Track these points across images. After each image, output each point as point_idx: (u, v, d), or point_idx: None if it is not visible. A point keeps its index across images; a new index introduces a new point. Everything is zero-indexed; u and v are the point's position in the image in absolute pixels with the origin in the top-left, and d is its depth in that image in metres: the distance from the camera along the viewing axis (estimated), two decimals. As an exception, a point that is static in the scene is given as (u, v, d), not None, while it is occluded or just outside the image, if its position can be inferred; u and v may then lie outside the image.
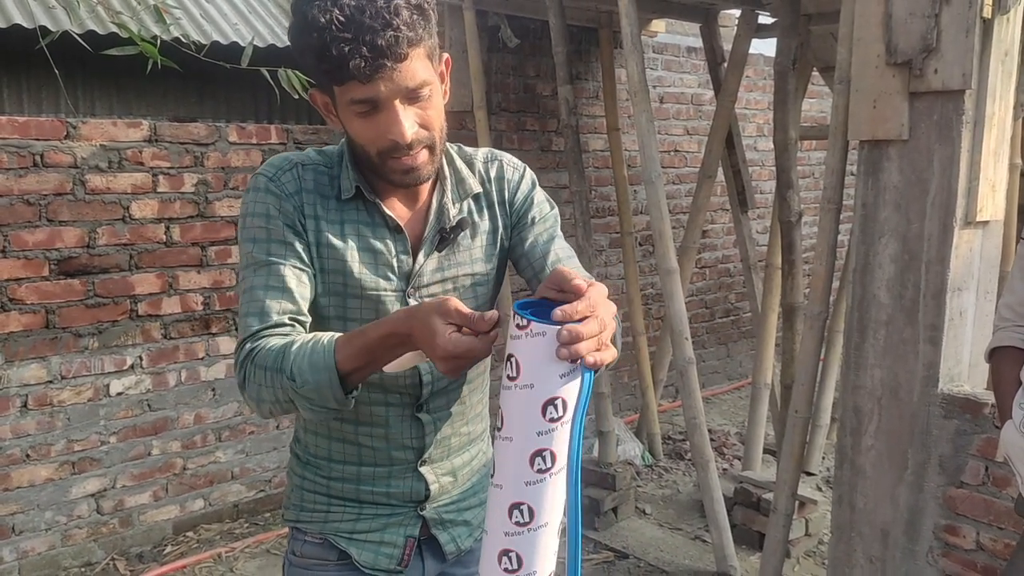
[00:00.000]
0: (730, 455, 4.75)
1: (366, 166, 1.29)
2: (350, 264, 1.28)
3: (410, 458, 1.39)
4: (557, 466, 0.95)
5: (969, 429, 2.39)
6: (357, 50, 1.11)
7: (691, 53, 5.55)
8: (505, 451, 0.97)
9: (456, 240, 1.35)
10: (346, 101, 1.18)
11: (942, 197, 2.38)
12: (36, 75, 3.14)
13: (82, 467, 3.40)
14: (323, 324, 1.31)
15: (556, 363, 0.93)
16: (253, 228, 1.27)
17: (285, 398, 1.17)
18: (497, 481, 0.99)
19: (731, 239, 5.98)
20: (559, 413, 0.94)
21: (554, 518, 0.98)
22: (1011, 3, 2.30)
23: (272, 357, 1.17)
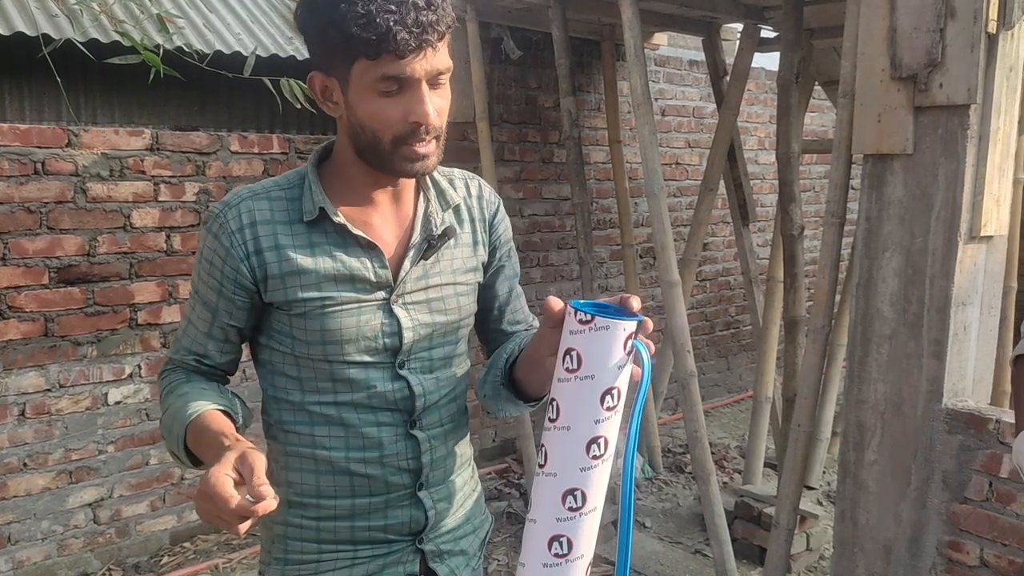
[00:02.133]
0: (731, 468, 4.73)
1: (370, 157, 1.24)
2: (325, 286, 1.26)
3: (407, 482, 1.34)
4: (608, 453, 1.03)
5: (973, 444, 2.38)
6: (403, 22, 1.11)
7: (693, 66, 5.56)
8: (562, 440, 1.04)
9: (440, 248, 1.34)
10: (374, 77, 1.15)
11: (946, 211, 2.38)
12: (38, 83, 3.14)
13: (79, 476, 3.37)
14: (305, 347, 1.28)
15: (615, 355, 1.02)
16: (199, 267, 1.31)
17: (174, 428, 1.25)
18: (550, 470, 1.04)
19: (732, 252, 5.98)
20: (614, 402, 1.03)
21: (600, 503, 1.05)
22: (1016, 19, 2.31)
23: (161, 395, 1.33)
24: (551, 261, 4.92)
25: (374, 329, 1.29)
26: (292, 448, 1.32)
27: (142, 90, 3.26)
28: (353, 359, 1.28)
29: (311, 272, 1.25)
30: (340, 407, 1.29)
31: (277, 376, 1.32)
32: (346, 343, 1.27)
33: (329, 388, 1.29)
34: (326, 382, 1.29)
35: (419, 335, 1.32)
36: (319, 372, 1.28)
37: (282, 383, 1.31)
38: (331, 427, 1.30)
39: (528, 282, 4.80)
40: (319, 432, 1.30)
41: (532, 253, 4.83)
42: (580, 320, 1.02)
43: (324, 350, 1.27)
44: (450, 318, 1.37)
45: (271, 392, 1.34)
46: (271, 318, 1.29)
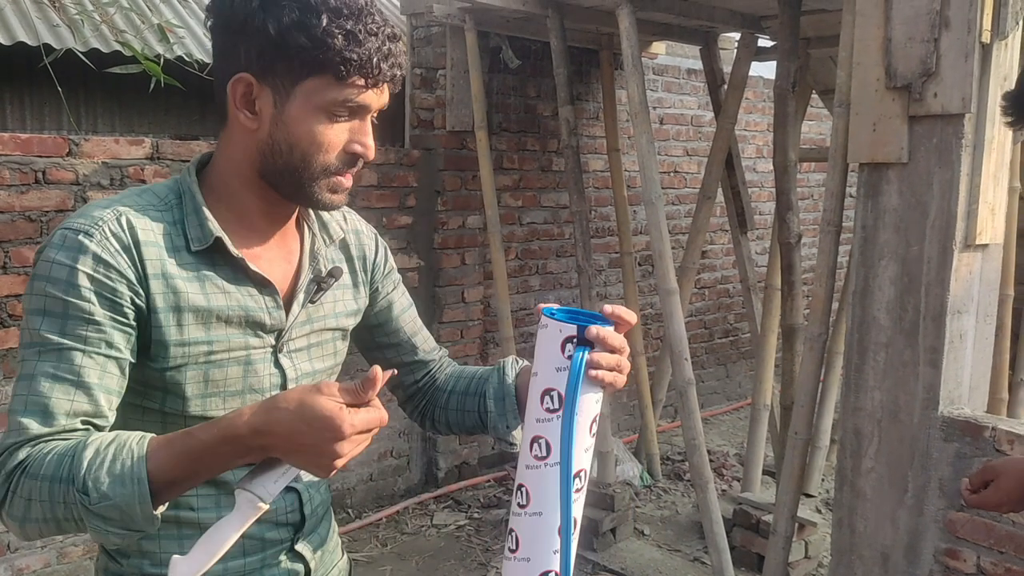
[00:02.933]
0: (729, 476, 4.74)
1: (281, 181, 1.10)
2: (215, 328, 1.09)
3: (285, 536, 1.20)
4: (551, 456, 1.03)
5: (969, 452, 2.39)
6: (381, 51, 1.04)
7: (691, 75, 5.58)
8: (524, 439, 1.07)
9: (327, 290, 1.22)
10: (330, 99, 1.04)
11: (942, 220, 2.39)
12: (39, 92, 3.16)
13: (79, 484, 3.38)
14: (180, 402, 1.09)
15: (552, 356, 1.04)
16: (45, 297, 1.00)
17: (67, 516, 0.95)
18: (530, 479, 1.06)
19: (730, 260, 5.99)
20: (554, 404, 1.03)
21: (547, 508, 1.04)
22: (1009, 28, 2.32)
23: (55, 464, 0.95)
24: (550, 269, 4.94)
25: (261, 382, 1.15)
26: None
27: (143, 99, 3.28)
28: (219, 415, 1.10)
29: (201, 310, 1.07)
30: None
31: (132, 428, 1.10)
32: (229, 397, 1.12)
33: None
34: None
35: (289, 383, 1.19)
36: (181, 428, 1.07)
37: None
38: (199, 487, 1.06)
39: (527, 290, 4.82)
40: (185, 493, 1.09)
41: (531, 261, 4.84)
42: (540, 323, 1.06)
43: (204, 404, 1.10)
44: (327, 365, 1.26)
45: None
46: (138, 368, 1.07)
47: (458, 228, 4.47)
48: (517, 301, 4.70)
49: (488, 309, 4.61)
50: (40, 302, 1.01)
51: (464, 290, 4.52)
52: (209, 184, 1.13)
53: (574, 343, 1.03)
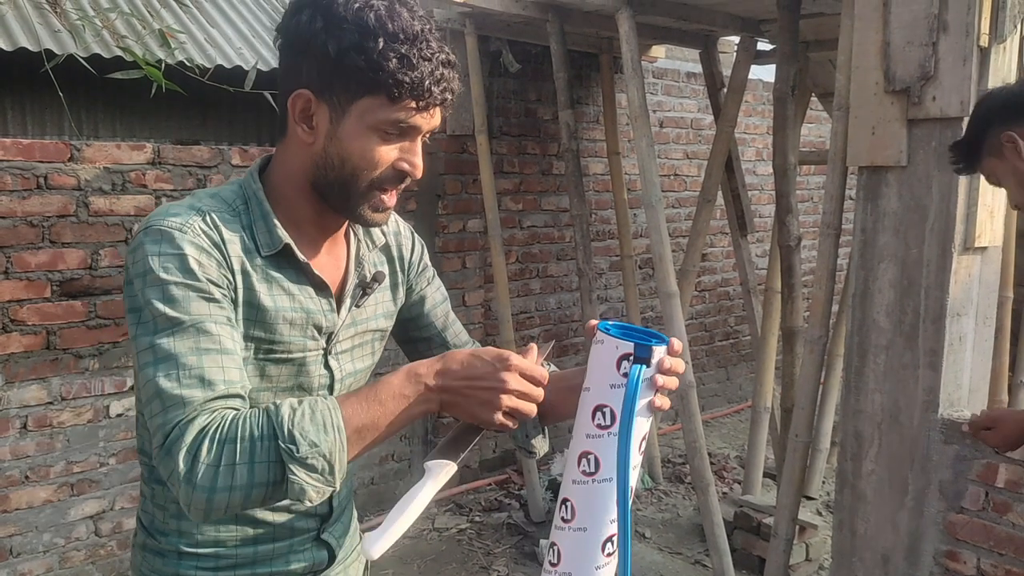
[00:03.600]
0: (730, 479, 4.74)
1: (331, 193, 1.16)
2: (280, 327, 1.16)
3: (313, 526, 1.28)
4: (600, 472, 1.03)
5: (969, 455, 2.39)
6: (434, 75, 1.09)
7: (691, 78, 5.59)
8: (570, 449, 1.06)
9: (371, 294, 1.29)
10: (383, 118, 1.09)
11: (941, 223, 2.40)
12: (40, 98, 3.17)
13: (81, 489, 3.38)
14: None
15: (608, 373, 1.03)
16: (163, 285, 1.05)
17: (268, 479, 0.99)
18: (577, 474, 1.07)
19: (730, 263, 6.00)
20: (605, 420, 1.03)
21: (592, 524, 1.04)
22: (1007, 32, 2.33)
23: (250, 425, 0.99)
24: (550, 272, 4.94)
25: (311, 381, 1.22)
26: None
27: (144, 104, 3.29)
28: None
29: (268, 310, 1.14)
30: None
31: None
32: (280, 392, 1.18)
33: None
34: None
35: (344, 387, 1.27)
36: None
37: None
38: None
39: (528, 293, 4.83)
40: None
41: (532, 264, 4.85)
42: (595, 338, 1.06)
43: (255, 398, 1.15)
44: (366, 364, 1.32)
45: None
46: None
47: (459, 232, 4.48)
48: (517, 304, 4.71)
49: (489, 312, 4.62)
50: (159, 291, 1.05)
51: (465, 293, 4.53)
52: (268, 190, 1.19)
53: (630, 360, 1.02)
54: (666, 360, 1.05)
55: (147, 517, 1.25)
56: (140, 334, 1.05)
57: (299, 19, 1.10)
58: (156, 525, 1.23)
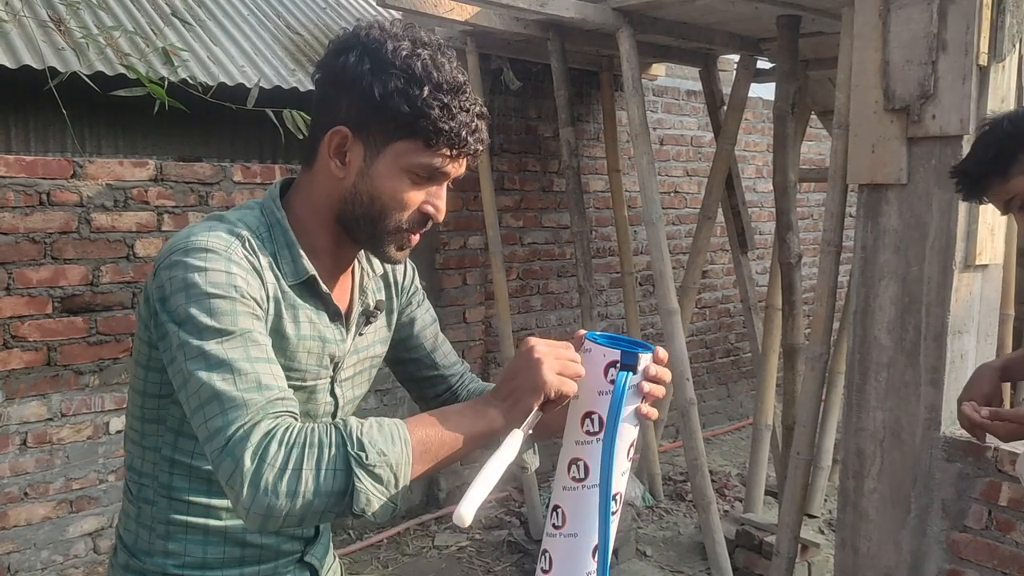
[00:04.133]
0: (731, 496, 4.72)
1: (356, 228, 1.18)
2: (300, 355, 1.18)
3: (297, 549, 1.29)
4: (589, 478, 1.05)
5: (972, 472, 2.38)
6: (470, 126, 1.13)
7: (691, 96, 5.62)
8: (561, 457, 1.09)
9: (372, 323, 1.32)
10: (415, 162, 1.13)
11: (941, 241, 2.41)
12: (43, 115, 3.18)
13: (80, 506, 3.37)
14: None
15: (595, 380, 1.06)
16: (210, 299, 1.05)
17: (338, 486, 0.98)
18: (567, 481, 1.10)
19: (731, 280, 6.00)
20: (594, 427, 1.05)
21: (582, 530, 1.06)
22: (1006, 51, 2.35)
23: (318, 433, 1.00)
24: (551, 289, 4.95)
25: (318, 408, 1.24)
26: (178, 516, 1.19)
27: (146, 122, 3.30)
28: None
29: (291, 339, 1.17)
30: None
31: (184, 438, 1.17)
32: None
33: None
34: None
35: (345, 414, 1.29)
36: None
37: (190, 447, 1.17)
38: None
39: (528, 310, 4.83)
40: (216, 502, 1.19)
41: (532, 281, 4.85)
42: (584, 348, 1.08)
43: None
44: (363, 391, 1.35)
45: (167, 453, 1.18)
46: None
47: (459, 248, 4.48)
48: (518, 321, 4.71)
49: (489, 329, 4.61)
50: (205, 304, 1.05)
51: (465, 310, 4.53)
52: (290, 219, 1.21)
53: (617, 368, 1.04)
54: (652, 368, 1.08)
55: (130, 536, 1.24)
56: (187, 342, 1.04)
57: (346, 59, 1.13)
58: (140, 545, 1.22)
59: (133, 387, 1.20)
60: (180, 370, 1.04)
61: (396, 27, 1.16)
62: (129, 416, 1.23)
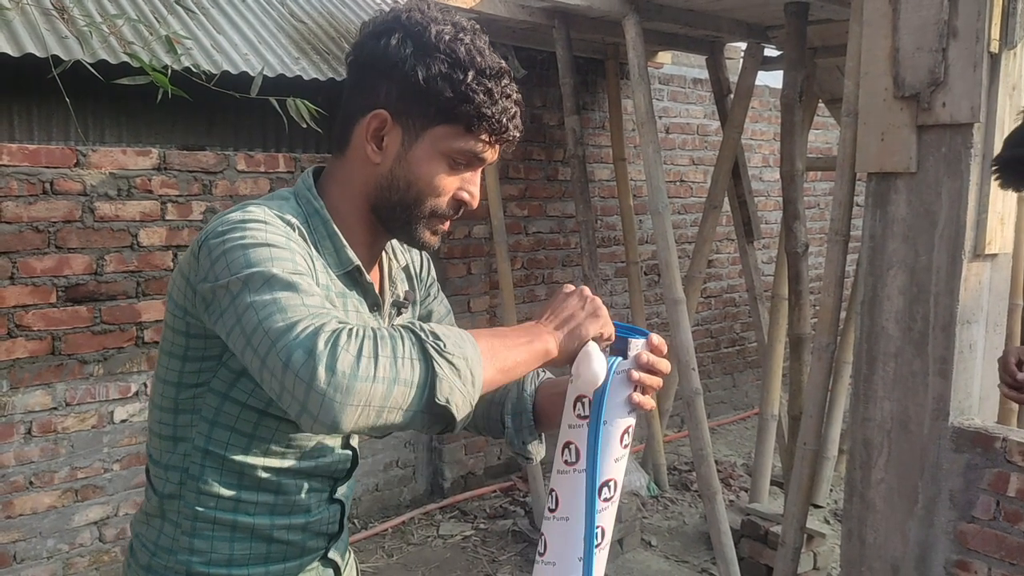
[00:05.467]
0: (736, 487, 4.71)
1: (391, 215, 1.17)
2: None
3: (322, 546, 1.27)
4: (579, 462, 1.06)
5: (980, 463, 2.37)
6: (508, 113, 1.14)
7: (697, 84, 5.58)
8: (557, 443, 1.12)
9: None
10: (455, 147, 1.13)
11: (951, 230, 2.38)
12: (47, 103, 3.16)
13: (85, 495, 3.38)
14: (262, 416, 1.14)
15: (590, 367, 1.06)
16: (261, 247, 1.03)
17: (416, 377, 0.94)
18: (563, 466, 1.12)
19: (737, 269, 5.98)
20: (584, 411, 1.07)
21: (573, 514, 1.08)
22: (1018, 38, 2.32)
23: (389, 331, 0.96)
24: (556, 278, 4.93)
25: None
26: (206, 512, 1.17)
27: (150, 110, 3.29)
28: None
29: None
30: (281, 472, 1.18)
31: (220, 428, 1.15)
32: None
33: (280, 452, 1.17)
34: (280, 445, 1.17)
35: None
36: (279, 433, 1.16)
37: (224, 437, 1.15)
38: (260, 492, 1.18)
39: (533, 299, 4.81)
40: (246, 496, 1.17)
41: (537, 271, 4.84)
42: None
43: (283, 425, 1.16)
44: None
45: (201, 444, 1.16)
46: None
47: (464, 238, 4.47)
48: (523, 311, 4.69)
49: (494, 319, 4.60)
50: (256, 254, 1.01)
51: (470, 300, 4.52)
52: (327, 207, 1.19)
53: (607, 352, 1.04)
54: (644, 355, 1.09)
55: (152, 533, 1.22)
56: (239, 289, 0.99)
57: (387, 42, 1.12)
58: (163, 543, 1.20)
59: (163, 379, 1.18)
60: (233, 316, 0.99)
61: (435, 10, 1.14)
62: (157, 409, 1.20)
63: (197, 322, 1.10)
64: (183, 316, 1.12)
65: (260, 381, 0.97)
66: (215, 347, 1.12)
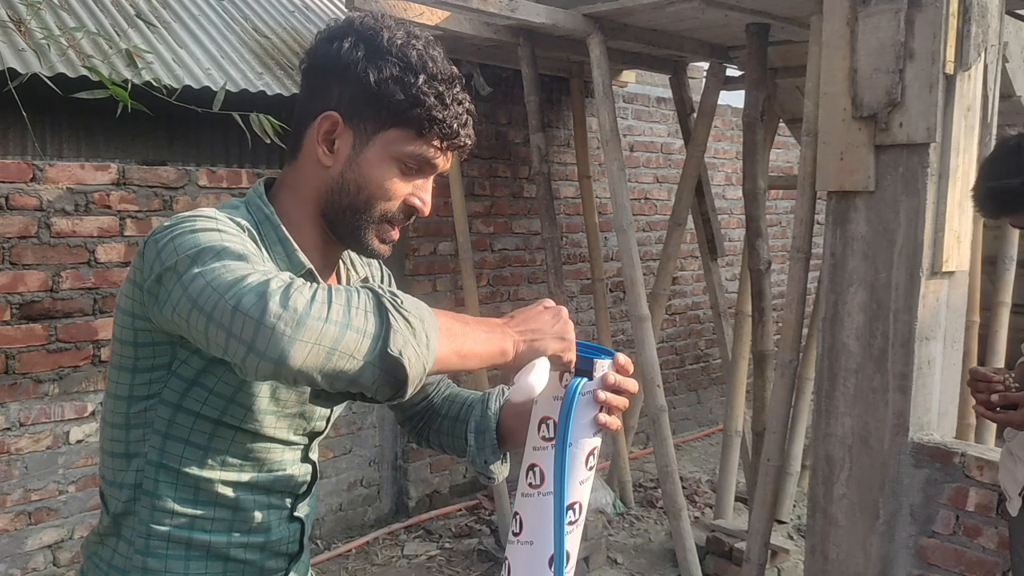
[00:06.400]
0: (702, 503, 4.72)
1: (341, 220, 1.16)
2: None
3: (281, 566, 1.24)
4: (544, 485, 1.05)
5: (939, 478, 2.40)
6: (461, 119, 1.14)
7: (661, 103, 5.64)
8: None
9: None
10: (407, 151, 1.12)
11: (909, 247, 2.42)
12: (3, 117, 3.10)
13: (39, 517, 3.29)
14: (241, 413, 1.12)
15: (548, 384, 1.05)
16: (206, 231, 1.02)
17: (369, 327, 0.91)
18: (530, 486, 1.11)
19: (701, 286, 6.03)
20: (550, 432, 1.06)
21: (538, 538, 1.06)
22: (972, 60, 2.37)
23: (344, 288, 0.94)
24: (521, 295, 4.93)
25: (313, 411, 1.21)
26: (160, 529, 1.13)
27: (109, 125, 3.24)
28: (280, 436, 1.17)
29: None
30: (238, 487, 1.15)
31: (173, 441, 1.12)
32: (283, 417, 1.17)
33: (236, 465, 1.15)
34: (237, 458, 1.14)
35: (334, 415, 1.27)
36: (235, 445, 1.14)
37: (178, 450, 1.12)
38: (217, 508, 1.15)
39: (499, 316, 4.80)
40: (202, 512, 1.14)
41: (502, 288, 4.83)
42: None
43: (260, 420, 1.14)
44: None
45: (154, 458, 1.13)
46: (209, 372, 1.09)
47: (429, 255, 4.45)
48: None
49: (460, 336, 4.58)
50: (216, 235, 1.01)
51: (435, 317, 4.49)
52: (278, 214, 1.17)
53: (571, 372, 1.03)
54: (610, 376, 1.08)
55: (107, 552, 1.18)
56: (186, 268, 0.97)
57: (339, 45, 1.12)
58: (116, 563, 1.17)
59: (114, 394, 1.15)
60: (179, 290, 0.96)
61: (389, 19, 1.15)
62: (108, 427, 1.17)
63: (145, 325, 1.08)
64: (131, 324, 1.10)
65: (206, 343, 0.93)
66: (164, 354, 1.10)
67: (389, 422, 4.32)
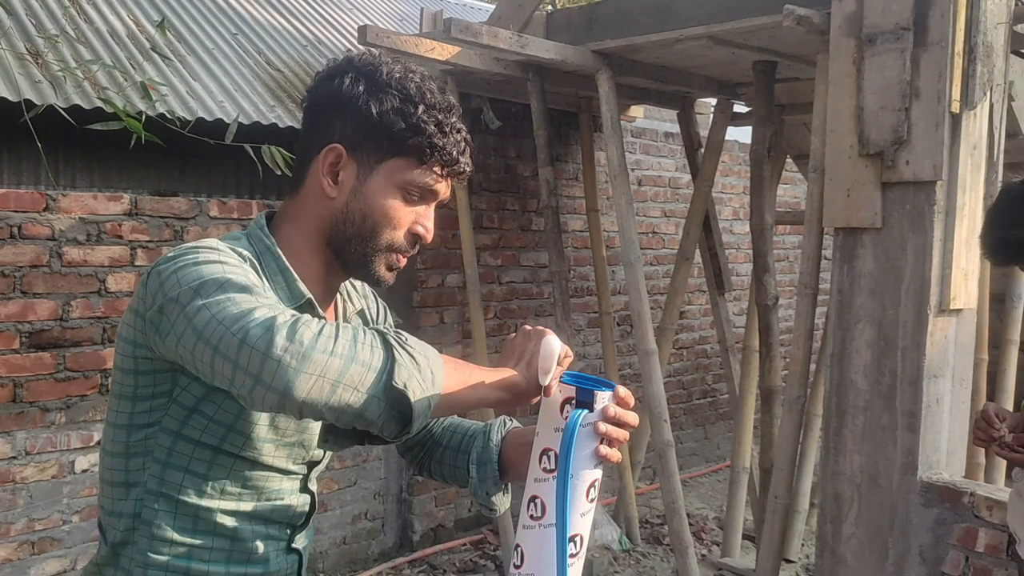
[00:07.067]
0: (709, 540, 4.67)
1: (347, 250, 1.18)
2: None
3: None
4: (545, 517, 1.05)
5: (949, 518, 2.37)
6: (460, 147, 1.18)
7: (668, 138, 5.67)
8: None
9: None
10: (409, 180, 1.16)
11: (916, 285, 2.42)
12: (17, 147, 3.15)
13: (42, 547, 3.27)
14: (240, 441, 1.13)
15: (551, 417, 1.07)
16: (209, 264, 1.05)
17: (375, 361, 0.95)
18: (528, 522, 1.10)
19: (708, 320, 6.01)
20: (551, 464, 1.05)
21: (540, 570, 1.05)
22: (978, 99, 2.39)
23: (351, 325, 0.98)
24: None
25: (311, 439, 1.21)
26: (158, 559, 1.13)
27: (123, 156, 3.28)
28: (279, 465, 1.17)
29: None
30: (237, 516, 1.15)
31: (173, 470, 1.12)
32: (282, 446, 1.17)
33: (235, 494, 1.15)
34: (236, 486, 1.15)
35: (332, 445, 1.27)
36: (234, 473, 1.14)
37: (178, 479, 1.12)
38: (216, 538, 1.15)
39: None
40: (200, 541, 1.14)
41: (510, 320, 4.83)
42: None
43: (259, 448, 1.14)
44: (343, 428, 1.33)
45: (154, 487, 1.13)
46: (209, 400, 1.10)
47: (437, 287, 4.46)
48: (495, 361, 4.68)
49: (466, 368, 4.57)
50: (219, 267, 1.04)
51: (442, 349, 4.47)
52: (279, 244, 1.20)
53: (572, 404, 1.03)
54: (611, 408, 1.08)
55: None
56: (190, 301, 1.00)
57: (340, 81, 1.17)
58: None
59: (114, 423, 1.15)
60: (184, 321, 0.99)
61: (385, 55, 1.20)
62: (108, 456, 1.17)
63: (146, 354, 1.09)
64: (132, 353, 1.11)
65: (211, 374, 0.97)
66: (164, 382, 1.11)
67: (394, 455, 4.30)
